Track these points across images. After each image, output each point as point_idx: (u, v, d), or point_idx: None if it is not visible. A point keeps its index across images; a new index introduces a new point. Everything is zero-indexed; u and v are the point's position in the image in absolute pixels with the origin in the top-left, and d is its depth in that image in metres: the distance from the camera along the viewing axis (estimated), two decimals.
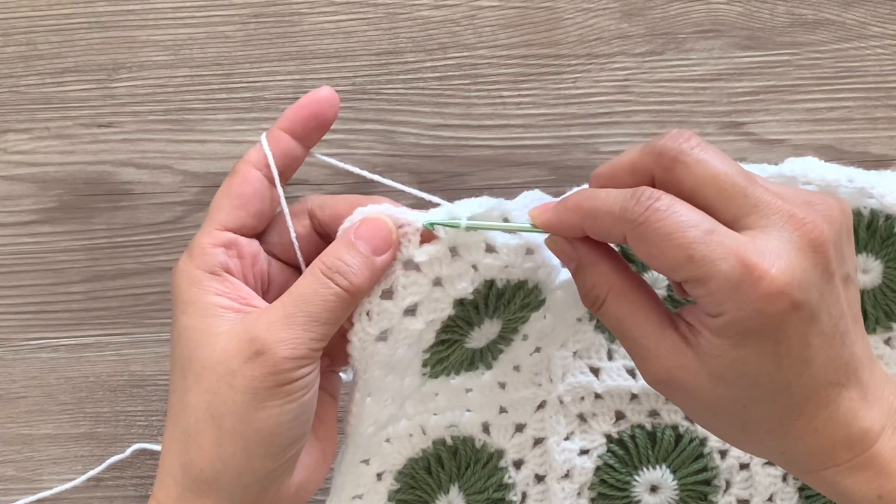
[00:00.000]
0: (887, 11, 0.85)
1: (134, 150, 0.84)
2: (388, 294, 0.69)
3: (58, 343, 0.85)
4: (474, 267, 0.70)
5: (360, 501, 0.81)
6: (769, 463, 0.82)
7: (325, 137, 0.82)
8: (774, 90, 0.85)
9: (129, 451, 0.84)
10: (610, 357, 0.83)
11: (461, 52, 0.84)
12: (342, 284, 0.65)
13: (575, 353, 0.82)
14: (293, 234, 0.70)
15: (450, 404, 0.80)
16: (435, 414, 0.81)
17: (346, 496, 0.79)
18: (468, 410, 0.81)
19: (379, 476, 0.81)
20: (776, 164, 0.80)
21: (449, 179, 0.84)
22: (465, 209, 0.67)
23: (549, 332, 0.78)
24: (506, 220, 0.68)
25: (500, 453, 0.82)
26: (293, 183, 0.83)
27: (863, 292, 0.80)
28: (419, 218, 0.67)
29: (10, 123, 0.84)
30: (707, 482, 0.82)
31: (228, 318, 0.66)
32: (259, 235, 0.71)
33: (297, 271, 0.70)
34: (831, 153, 0.84)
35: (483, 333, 0.74)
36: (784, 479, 0.82)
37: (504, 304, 0.73)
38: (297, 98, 0.81)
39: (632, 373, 0.82)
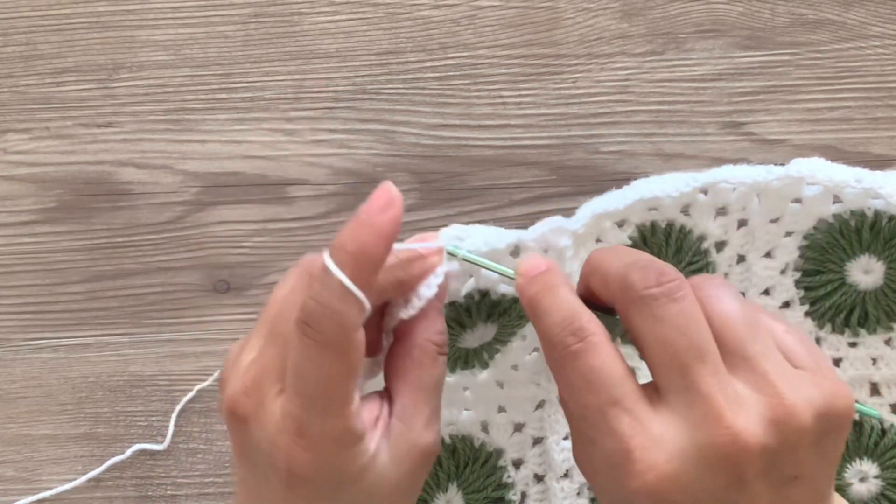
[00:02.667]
0: (888, 11, 0.85)
1: (134, 150, 0.84)
2: None
3: (58, 343, 0.85)
4: (470, 274, 0.69)
5: None
6: None
7: (325, 137, 0.83)
8: (775, 90, 0.85)
9: (129, 451, 0.84)
10: None
11: (461, 52, 0.85)
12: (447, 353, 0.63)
13: None
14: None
15: (445, 402, 0.80)
16: None
17: None
18: (466, 409, 0.81)
19: None
20: (777, 163, 0.80)
21: (449, 179, 0.84)
22: (480, 238, 0.67)
23: None
24: (516, 250, 0.68)
25: (499, 452, 0.82)
26: (293, 183, 0.84)
27: (864, 293, 0.80)
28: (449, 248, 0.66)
29: (10, 123, 0.85)
30: None
31: (382, 448, 0.60)
32: None
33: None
34: (832, 153, 0.84)
35: (476, 336, 0.74)
36: None
37: (499, 312, 0.73)
38: (298, 98, 0.82)
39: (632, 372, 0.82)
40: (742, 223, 0.80)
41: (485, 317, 0.72)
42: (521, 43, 0.85)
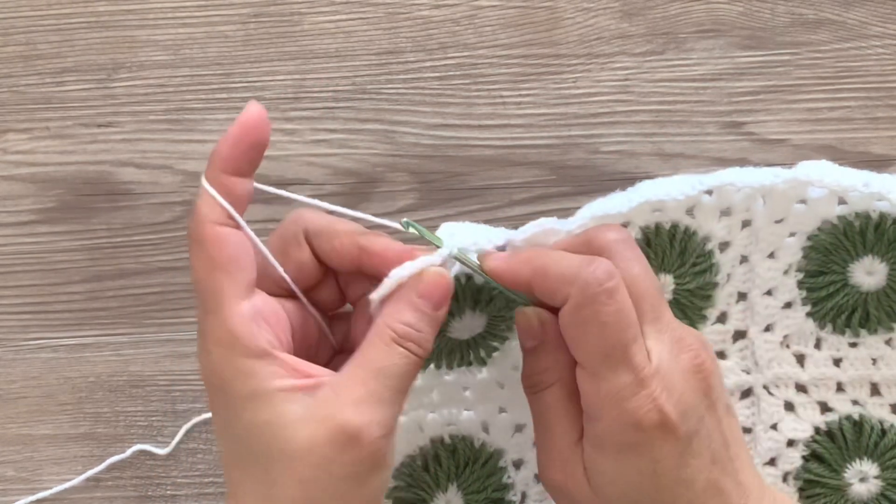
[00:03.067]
0: (888, 11, 0.85)
1: (134, 149, 0.84)
2: None
3: (58, 343, 0.85)
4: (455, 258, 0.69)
5: None
6: (769, 463, 0.82)
7: (325, 137, 0.83)
8: (775, 90, 0.85)
9: (129, 451, 0.84)
10: None
11: (461, 52, 0.85)
12: (418, 353, 0.63)
13: None
14: (288, 278, 0.66)
15: (444, 401, 0.80)
16: (431, 411, 0.81)
17: None
18: (466, 410, 0.81)
19: None
20: (777, 164, 0.80)
21: (449, 179, 0.84)
22: (469, 237, 0.68)
23: None
24: (503, 247, 0.69)
25: (499, 453, 0.82)
26: (293, 183, 0.84)
27: (866, 294, 0.80)
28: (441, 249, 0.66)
29: (10, 123, 0.85)
30: None
31: (297, 399, 0.61)
32: None
33: (296, 298, 0.67)
34: (832, 153, 0.84)
35: (466, 325, 0.74)
36: (784, 479, 0.82)
37: (486, 300, 0.73)
38: (298, 98, 0.82)
39: None
40: (746, 224, 0.80)
41: (472, 303, 0.72)
42: (520, 43, 0.85)
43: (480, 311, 0.72)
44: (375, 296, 0.64)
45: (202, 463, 0.85)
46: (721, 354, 0.81)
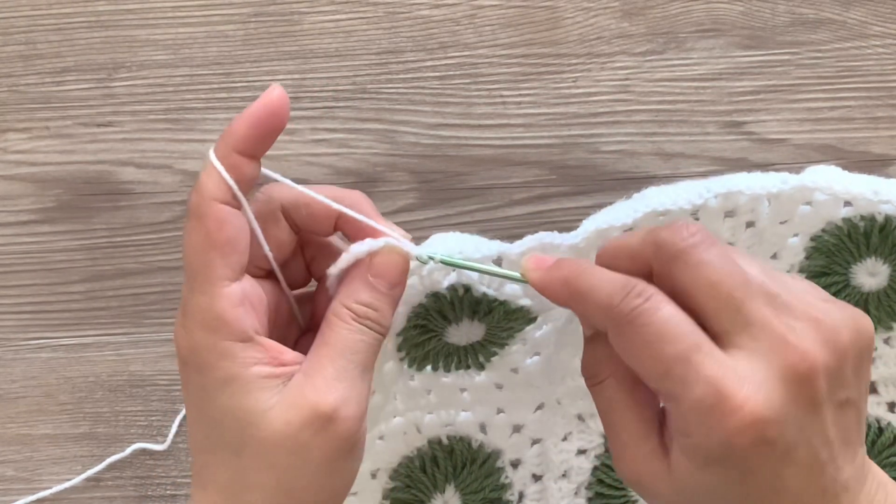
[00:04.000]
0: (888, 11, 0.85)
1: (134, 149, 0.84)
2: None
3: (58, 343, 0.85)
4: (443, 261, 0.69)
5: (355, 499, 0.81)
6: None
7: (325, 137, 0.83)
8: (775, 89, 0.85)
9: (128, 450, 0.84)
10: None
11: (461, 52, 0.84)
12: (378, 330, 0.63)
13: (576, 355, 0.82)
14: (275, 265, 0.66)
15: (442, 403, 0.80)
16: (429, 413, 0.81)
17: None
18: (464, 411, 0.81)
19: (373, 474, 0.81)
20: (777, 163, 0.80)
21: (449, 179, 0.84)
22: (455, 245, 0.68)
23: (551, 339, 0.77)
24: (499, 260, 0.68)
25: (497, 453, 0.82)
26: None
27: (867, 295, 0.80)
28: (416, 251, 0.66)
29: (10, 123, 0.84)
30: None
31: (272, 386, 0.61)
32: None
33: (271, 278, 0.66)
34: (832, 153, 0.84)
35: (463, 332, 0.74)
36: None
37: (484, 311, 0.72)
38: (298, 98, 0.82)
39: None
40: (750, 224, 0.80)
41: (470, 313, 0.72)
42: (521, 42, 0.84)
43: (479, 320, 0.72)
44: (333, 270, 0.64)
45: None
46: None
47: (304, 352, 0.64)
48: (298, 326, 0.69)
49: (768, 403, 0.56)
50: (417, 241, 0.65)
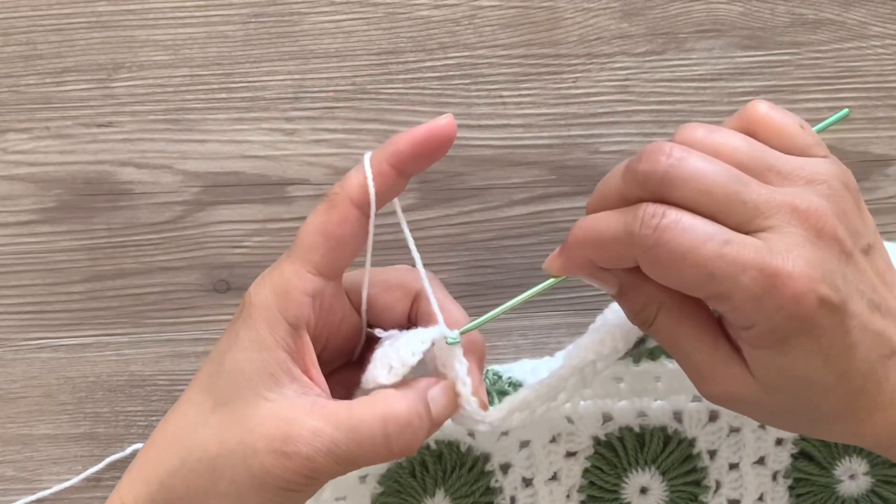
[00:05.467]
0: (888, 11, 0.85)
1: (134, 149, 0.84)
2: None
3: (58, 343, 0.85)
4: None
5: (344, 502, 0.82)
6: (759, 462, 0.82)
7: (325, 137, 0.83)
8: (775, 90, 0.85)
9: (129, 450, 0.84)
10: None
11: (461, 52, 0.84)
12: (403, 451, 0.63)
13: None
14: (364, 297, 0.68)
15: None
16: None
17: (326, 496, 0.80)
18: None
19: (362, 479, 0.82)
20: None
21: (449, 179, 0.84)
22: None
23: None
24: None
25: (486, 457, 0.82)
26: (293, 183, 0.84)
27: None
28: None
29: (10, 123, 0.84)
30: (697, 483, 0.82)
31: (280, 383, 0.62)
32: None
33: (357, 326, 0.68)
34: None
35: None
36: (773, 478, 0.83)
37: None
38: (297, 98, 0.82)
39: (618, 378, 0.82)
40: None
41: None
42: (520, 43, 0.84)
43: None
44: (384, 380, 0.64)
45: None
46: None
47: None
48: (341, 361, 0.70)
49: (810, 265, 0.57)
50: (420, 241, 0.66)
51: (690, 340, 0.62)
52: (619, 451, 0.82)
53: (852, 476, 0.82)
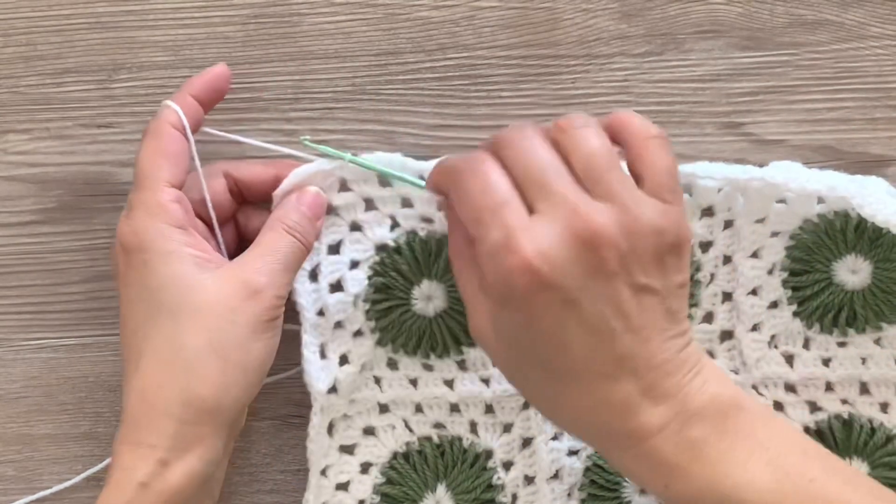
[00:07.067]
0: (887, 12, 0.85)
1: (134, 150, 0.82)
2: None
3: (58, 343, 0.85)
4: (392, 218, 0.81)
5: (346, 493, 0.82)
6: None
7: (325, 138, 0.83)
8: (774, 90, 0.85)
9: None
10: None
11: (461, 53, 0.84)
12: (304, 241, 0.77)
13: None
14: (207, 194, 0.79)
15: (429, 393, 0.82)
16: (419, 411, 0.83)
17: (317, 469, 0.82)
18: (454, 411, 0.83)
19: (364, 468, 0.83)
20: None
21: None
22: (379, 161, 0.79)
23: None
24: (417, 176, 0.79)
25: (488, 453, 0.83)
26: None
27: (852, 293, 0.81)
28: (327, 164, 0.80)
29: (10, 124, 0.84)
30: None
31: (204, 266, 0.75)
32: None
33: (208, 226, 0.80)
34: (831, 153, 0.84)
35: (424, 294, 0.81)
36: None
37: (435, 258, 0.80)
38: (297, 99, 0.82)
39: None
40: (728, 224, 0.81)
41: (422, 265, 0.81)
42: (520, 44, 0.84)
43: (437, 279, 0.82)
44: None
45: None
46: (709, 354, 0.82)
47: None
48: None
49: (550, 255, 0.64)
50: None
51: (466, 273, 0.70)
52: None
53: None
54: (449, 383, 0.83)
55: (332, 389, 0.82)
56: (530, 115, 0.84)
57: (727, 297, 0.83)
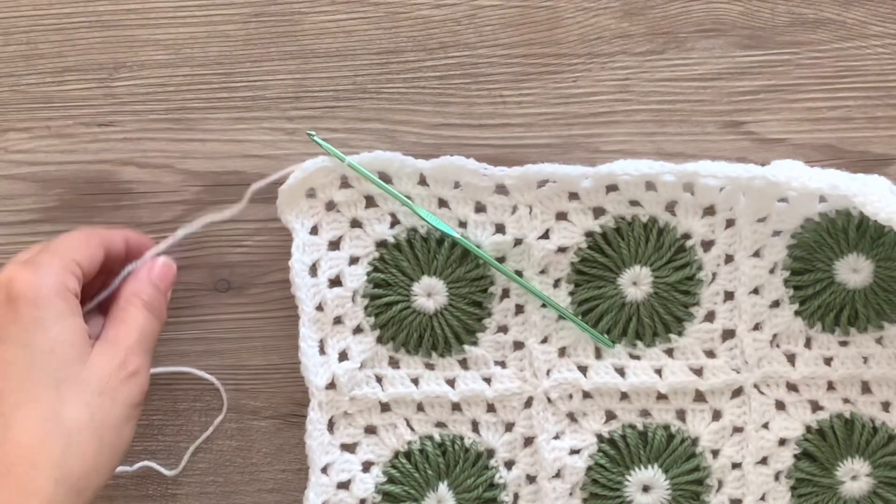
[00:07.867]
0: (888, 11, 0.85)
1: (135, 149, 0.84)
2: (314, 230, 0.82)
3: None
4: (392, 215, 0.82)
5: (347, 492, 0.82)
6: (761, 462, 0.83)
7: (325, 137, 0.83)
8: (775, 89, 0.85)
9: (136, 466, 0.85)
10: (598, 356, 0.83)
11: (462, 52, 0.84)
12: (161, 318, 0.79)
13: (561, 350, 0.83)
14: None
15: (431, 391, 0.82)
16: (420, 410, 0.83)
17: (318, 468, 0.82)
18: (456, 409, 0.83)
19: (366, 466, 0.83)
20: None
21: None
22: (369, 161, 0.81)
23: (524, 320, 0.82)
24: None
25: (490, 452, 0.83)
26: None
27: (853, 292, 0.81)
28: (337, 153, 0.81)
29: (11, 122, 0.84)
30: (699, 482, 0.83)
31: (87, 340, 0.74)
32: None
33: None
34: (831, 152, 0.84)
35: (424, 289, 0.82)
36: (776, 478, 0.83)
37: (435, 255, 0.81)
38: (298, 97, 0.82)
39: (620, 371, 0.83)
40: (730, 223, 0.81)
41: (421, 262, 0.82)
42: (521, 42, 0.84)
43: (438, 276, 0.83)
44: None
45: (203, 462, 0.86)
46: (710, 353, 0.82)
47: None
48: None
49: None
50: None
51: None
52: (622, 449, 0.83)
53: (854, 477, 0.83)
54: (451, 382, 0.83)
55: (331, 385, 0.82)
56: (531, 113, 0.84)
57: (729, 296, 0.83)
